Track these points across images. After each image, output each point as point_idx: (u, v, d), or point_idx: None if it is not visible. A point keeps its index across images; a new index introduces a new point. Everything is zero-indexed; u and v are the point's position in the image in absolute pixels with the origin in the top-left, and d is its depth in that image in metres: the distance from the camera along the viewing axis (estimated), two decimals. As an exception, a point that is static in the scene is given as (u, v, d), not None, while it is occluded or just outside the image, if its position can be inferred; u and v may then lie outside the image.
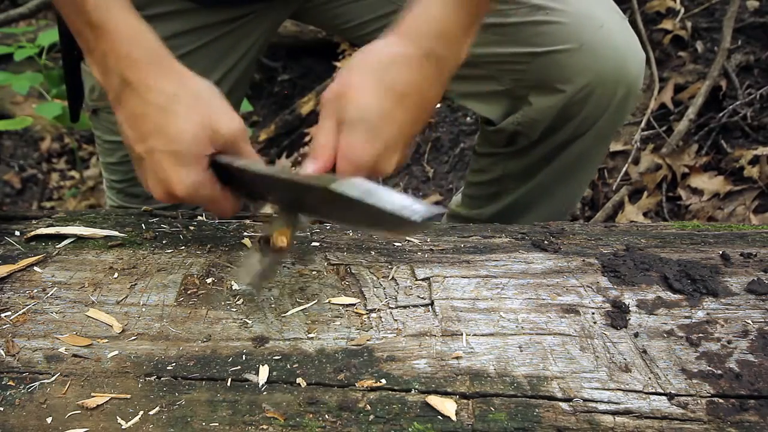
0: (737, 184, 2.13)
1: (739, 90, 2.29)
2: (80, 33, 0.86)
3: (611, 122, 1.32)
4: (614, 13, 1.27)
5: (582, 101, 1.25)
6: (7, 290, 0.91)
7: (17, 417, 0.75)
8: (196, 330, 0.85)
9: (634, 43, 1.27)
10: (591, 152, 1.38)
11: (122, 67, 0.83)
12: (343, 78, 0.87)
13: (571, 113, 1.27)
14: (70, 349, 0.82)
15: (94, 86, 1.34)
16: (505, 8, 1.21)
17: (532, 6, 1.21)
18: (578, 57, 1.21)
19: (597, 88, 1.24)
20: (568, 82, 1.23)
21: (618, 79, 1.25)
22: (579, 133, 1.32)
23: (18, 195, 2.95)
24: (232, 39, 1.28)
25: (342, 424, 0.74)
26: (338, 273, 0.94)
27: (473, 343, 0.82)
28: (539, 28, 1.21)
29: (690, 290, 0.90)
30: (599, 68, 1.22)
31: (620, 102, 1.28)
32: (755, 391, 0.77)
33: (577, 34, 1.21)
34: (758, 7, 2.51)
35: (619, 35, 1.24)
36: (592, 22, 1.22)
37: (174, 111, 0.83)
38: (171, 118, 0.83)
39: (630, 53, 1.25)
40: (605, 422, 0.74)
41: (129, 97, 0.84)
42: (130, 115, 0.85)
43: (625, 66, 1.25)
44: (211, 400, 0.76)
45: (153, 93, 0.83)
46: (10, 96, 3.03)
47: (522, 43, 1.22)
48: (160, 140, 0.84)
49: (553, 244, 1.00)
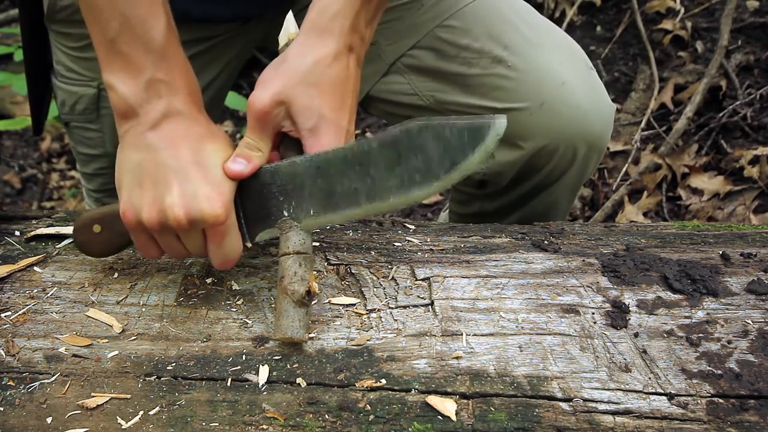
0: (737, 184, 2.13)
1: (739, 90, 2.29)
2: (133, 50, 0.86)
3: (578, 176, 1.31)
4: (579, 67, 1.24)
5: (547, 156, 1.24)
6: (7, 290, 0.91)
7: (17, 417, 0.75)
8: (196, 330, 0.85)
9: (599, 98, 1.24)
10: (560, 200, 1.37)
11: (180, 99, 0.86)
12: (276, 88, 0.88)
13: (536, 165, 1.26)
14: (70, 349, 0.82)
15: (65, 100, 1.34)
16: (468, 56, 1.20)
17: (493, 57, 1.19)
18: (538, 116, 1.19)
19: (560, 146, 1.22)
20: (528, 139, 1.21)
21: (579, 138, 1.22)
22: (547, 183, 1.31)
23: (18, 195, 2.95)
24: (207, 58, 1.29)
25: (342, 424, 0.74)
26: (338, 273, 0.94)
27: (473, 343, 0.82)
28: (499, 81, 1.20)
29: (690, 290, 0.90)
30: (560, 127, 1.20)
31: (583, 158, 1.26)
32: (755, 391, 0.77)
33: (538, 91, 1.19)
34: (758, 7, 2.51)
35: (582, 92, 1.21)
36: (553, 79, 1.19)
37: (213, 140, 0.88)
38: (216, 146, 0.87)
39: (593, 110, 1.22)
40: (605, 422, 0.74)
41: (176, 127, 0.86)
42: (174, 141, 0.85)
43: (588, 124, 1.22)
44: (211, 400, 0.76)
45: (201, 127, 0.87)
46: (10, 96, 3.02)
47: (483, 96, 1.21)
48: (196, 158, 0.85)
49: (553, 244, 1.00)
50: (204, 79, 1.32)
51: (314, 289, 0.81)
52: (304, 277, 0.82)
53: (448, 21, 1.21)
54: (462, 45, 1.20)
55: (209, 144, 0.86)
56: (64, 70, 1.30)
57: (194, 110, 0.87)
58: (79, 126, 1.37)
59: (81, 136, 1.39)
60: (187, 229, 0.83)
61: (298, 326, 0.81)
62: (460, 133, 0.81)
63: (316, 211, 0.86)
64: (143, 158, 0.84)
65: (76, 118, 1.36)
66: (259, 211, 0.88)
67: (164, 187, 0.83)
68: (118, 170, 0.87)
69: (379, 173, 0.84)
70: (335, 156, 0.86)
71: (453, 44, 1.21)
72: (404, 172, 0.83)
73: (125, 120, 0.86)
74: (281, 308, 0.82)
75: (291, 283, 0.82)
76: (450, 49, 1.21)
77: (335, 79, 0.89)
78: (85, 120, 1.35)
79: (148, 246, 0.87)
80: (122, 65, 0.85)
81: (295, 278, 0.82)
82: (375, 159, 0.84)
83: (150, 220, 0.83)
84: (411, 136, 0.83)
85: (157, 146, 0.84)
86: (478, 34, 1.20)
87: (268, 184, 0.88)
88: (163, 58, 0.85)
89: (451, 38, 1.21)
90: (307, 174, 0.86)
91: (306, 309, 0.82)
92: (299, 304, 0.81)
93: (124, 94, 0.85)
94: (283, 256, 0.85)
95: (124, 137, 0.87)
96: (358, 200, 0.85)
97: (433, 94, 1.24)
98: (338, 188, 0.86)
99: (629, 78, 2.54)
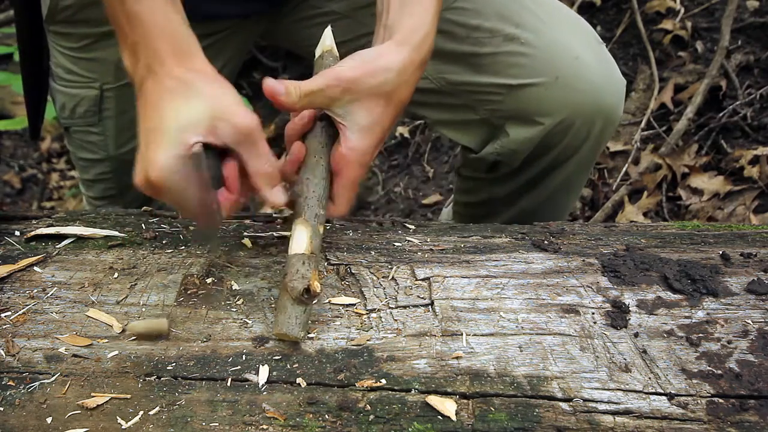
0: (737, 184, 2.13)
1: (739, 90, 2.29)
2: (117, 22, 0.87)
3: (592, 150, 1.31)
4: (590, 41, 1.25)
5: (562, 132, 1.24)
6: (7, 290, 0.91)
7: (17, 417, 0.75)
8: (196, 330, 0.85)
9: (612, 71, 1.25)
10: (573, 179, 1.37)
11: (150, 57, 0.85)
12: (351, 80, 0.88)
13: (551, 143, 1.26)
14: (70, 349, 0.82)
15: (65, 104, 1.33)
16: (479, 36, 1.20)
17: (505, 36, 1.19)
18: (554, 91, 1.19)
19: (576, 120, 1.22)
20: (545, 115, 1.21)
21: (595, 111, 1.23)
22: (560, 161, 1.30)
23: (18, 195, 2.95)
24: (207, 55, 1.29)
25: (342, 424, 0.74)
26: (338, 273, 0.94)
27: (473, 343, 0.82)
28: (513, 59, 1.20)
29: (690, 290, 0.90)
30: (576, 101, 1.21)
31: (599, 132, 1.26)
32: (755, 391, 0.77)
33: (552, 66, 1.19)
34: (758, 7, 2.51)
35: (595, 65, 1.22)
36: (567, 54, 1.20)
37: (185, 96, 0.84)
38: (178, 102, 0.84)
39: (606, 83, 1.23)
40: (605, 422, 0.74)
41: (150, 85, 0.85)
42: (146, 103, 0.85)
43: (602, 97, 1.23)
44: (211, 400, 0.76)
45: (171, 81, 0.85)
46: (10, 96, 3.02)
47: (497, 74, 1.21)
48: (155, 120, 0.84)
49: (553, 244, 1.00)
50: None
51: (315, 289, 0.81)
52: (306, 276, 0.82)
53: (457, 3, 1.21)
54: (472, 26, 1.20)
55: (178, 101, 0.84)
56: (63, 73, 1.30)
57: (168, 66, 0.85)
58: (81, 130, 1.36)
59: (82, 140, 1.38)
60: (161, 192, 0.84)
61: (294, 323, 0.80)
62: None
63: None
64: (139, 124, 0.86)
65: (76, 122, 1.35)
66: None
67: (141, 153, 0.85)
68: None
69: None
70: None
71: (463, 25, 1.20)
72: None
73: (133, 86, 0.88)
74: (280, 304, 0.82)
75: (291, 280, 0.82)
76: (460, 31, 1.21)
77: (405, 99, 0.91)
78: (86, 123, 1.35)
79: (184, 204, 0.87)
80: (120, 37, 0.88)
81: (297, 275, 0.82)
82: None
83: (140, 185, 0.85)
84: None
85: (142, 113, 0.86)
86: (489, 15, 1.20)
87: None
88: (134, 16, 0.85)
89: (462, 20, 1.20)
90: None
91: (305, 307, 0.82)
92: (298, 302, 0.81)
93: (126, 65, 0.87)
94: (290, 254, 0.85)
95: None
96: None
97: (443, 76, 1.24)
98: None
99: (629, 78, 2.54)
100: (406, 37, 0.90)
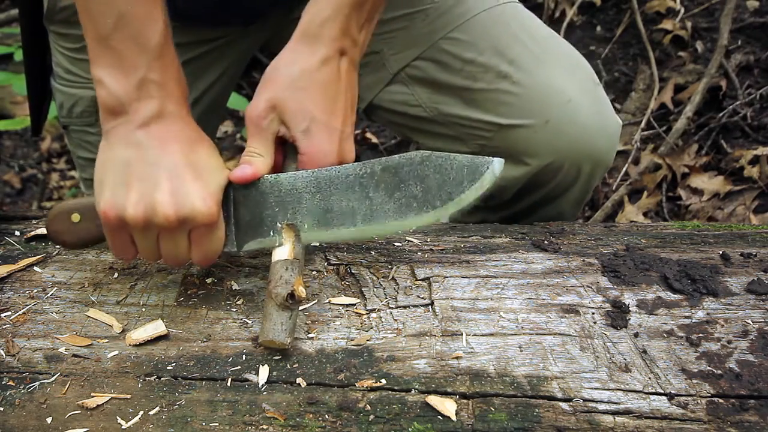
0: (737, 184, 2.13)
1: (739, 90, 2.29)
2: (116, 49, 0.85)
3: (583, 190, 1.30)
4: (586, 83, 1.23)
5: (551, 173, 1.23)
6: (7, 290, 0.91)
7: (17, 417, 0.75)
8: (196, 330, 0.85)
9: (606, 115, 1.23)
10: (566, 213, 1.36)
11: (172, 101, 0.86)
12: (268, 95, 0.90)
13: (540, 182, 1.25)
14: (70, 349, 0.82)
15: (63, 103, 1.33)
16: (473, 70, 1.19)
17: (498, 72, 1.18)
18: (543, 134, 1.18)
19: (564, 164, 1.21)
20: (533, 156, 1.20)
21: (585, 156, 1.21)
22: (552, 197, 1.30)
23: (18, 195, 2.95)
24: (208, 59, 1.29)
25: (342, 424, 0.74)
26: (338, 273, 0.94)
27: (473, 343, 0.82)
28: (504, 97, 1.19)
29: (690, 290, 0.90)
30: (565, 146, 1.19)
31: (588, 175, 1.25)
32: (755, 391, 0.77)
33: (542, 109, 1.17)
34: (758, 7, 2.51)
35: (588, 109, 1.20)
36: (559, 97, 1.18)
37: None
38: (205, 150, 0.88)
39: (599, 127, 1.21)
40: (605, 422, 0.74)
41: (166, 122, 0.86)
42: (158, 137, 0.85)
43: (593, 142, 1.21)
44: (211, 400, 0.76)
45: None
46: (10, 96, 3.02)
47: (487, 111, 1.20)
48: (189, 156, 0.85)
49: (553, 244, 1.00)
50: (205, 81, 1.31)
51: (299, 294, 0.81)
52: (289, 281, 0.82)
53: (452, 33, 1.20)
54: (467, 59, 1.20)
55: (200, 147, 0.87)
56: (63, 72, 1.30)
57: (184, 113, 0.88)
58: (79, 129, 1.36)
59: (81, 139, 1.38)
60: (175, 227, 0.83)
61: (280, 330, 0.80)
62: (459, 169, 0.86)
63: (310, 226, 0.88)
64: (131, 156, 0.83)
65: (74, 122, 1.35)
66: (253, 219, 0.89)
67: (153, 185, 0.82)
68: (99, 167, 0.86)
69: (379, 196, 0.87)
70: (338, 174, 0.88)
71: (457, 57, 1.20)
72: (403, 198, 0.87)
73: (112, 117, 0.85)
74: (266, 311, 0.82)
75: (275, 287, 0.81)
76: (454, 63, 1.20)
77: (325, 82, 0.91)
78: (84, 123, 1.35)
79: (124, 246, 0.86)
80: (114, 61, 0.85)
81: (281, 282, 0.82)
82: (376, 182, 0.87)
83: (135, 218, 0.82)
84: (413, 164, 0.87)
85: (147, 145, 0.84)
86: (484, 48, 1.19)
87: (267, 193, 0.88)
88: (158, 58, 0.85)
89: (456, 51, 1.20)
90: (306, 188, 0.88)
91: (290, 313, 0.81)
92: (282, 308, 0.81)
93: (115, 91, 0.84)
94: (273, 262, 0.86)
95: (109, 134, 0.86)
96: (354, 220, 0.87)
97: (436, 106, 1.24)
98: (336, 206, 0.88)
99: (629, 78, 2.54)
100: (304, 28, 0.92)
